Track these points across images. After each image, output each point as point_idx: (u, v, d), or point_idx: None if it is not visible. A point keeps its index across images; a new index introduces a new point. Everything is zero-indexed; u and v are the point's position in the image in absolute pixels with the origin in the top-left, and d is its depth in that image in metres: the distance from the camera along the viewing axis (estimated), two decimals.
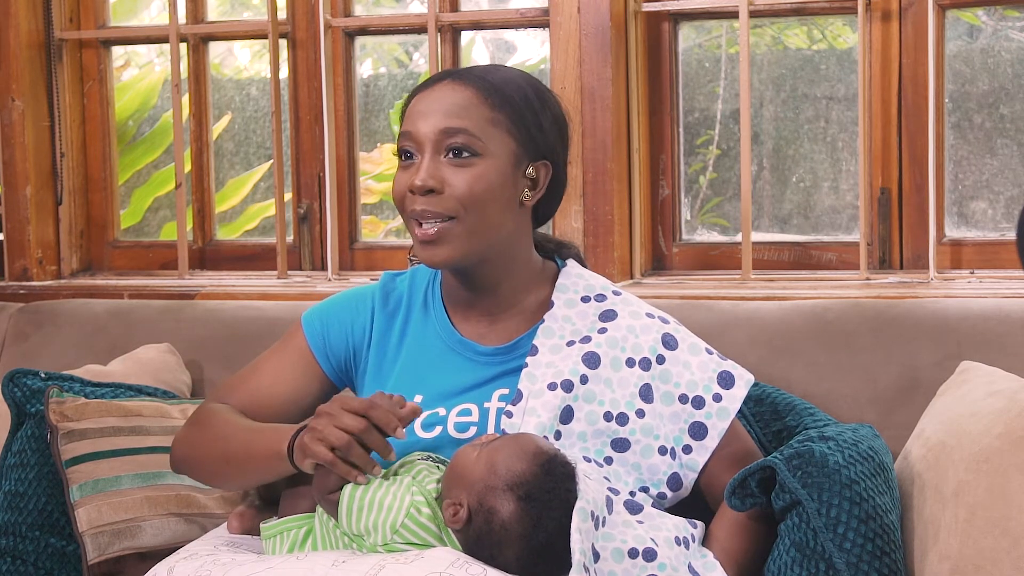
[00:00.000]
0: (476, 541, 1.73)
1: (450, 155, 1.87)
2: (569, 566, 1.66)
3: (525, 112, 1.91)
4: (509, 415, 1.89)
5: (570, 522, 1.69)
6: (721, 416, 1.94)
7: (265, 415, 1.99)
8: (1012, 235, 2.62)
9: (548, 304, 1.98)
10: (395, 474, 1.80)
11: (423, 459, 1.85)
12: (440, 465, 1.84)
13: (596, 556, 1.73)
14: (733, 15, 2.72)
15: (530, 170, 1.92)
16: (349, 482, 1.76)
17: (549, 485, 1.72)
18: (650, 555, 1.76)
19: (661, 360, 1.95)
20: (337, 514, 1.76)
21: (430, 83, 1.93)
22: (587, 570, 1.67)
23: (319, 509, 1.84)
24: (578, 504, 1.70)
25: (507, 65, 2.01)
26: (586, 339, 1.94)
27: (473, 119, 1.87)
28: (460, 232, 1.86)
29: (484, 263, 1.92)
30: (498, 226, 1.90)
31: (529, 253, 1.99)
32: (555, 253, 2.06)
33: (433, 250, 1.87)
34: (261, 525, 1.89)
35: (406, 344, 2.00)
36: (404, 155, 1.90)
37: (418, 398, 1.94)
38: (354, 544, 1.78)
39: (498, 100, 1.89)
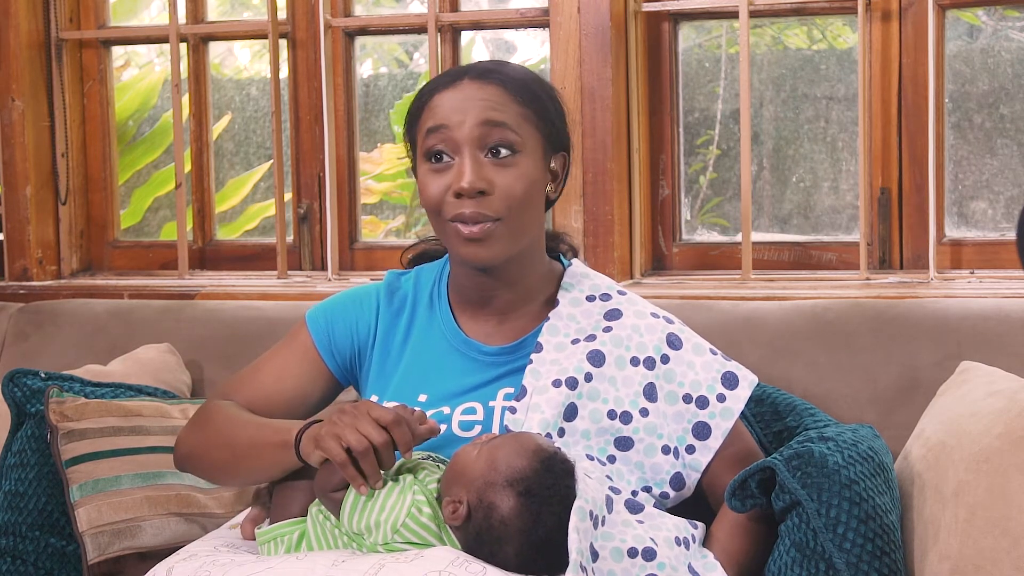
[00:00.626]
0: (476, 538, 1.73)
1: (490, 154, 1.85)
2: (568, 563, 1.66)
3: (548, 105, 1.91)
4: (513, 411, 1.89)
5: (569, 518, 1.69)
6: (725, 416, 1.93)
7: (270, 413, 1.99)
8: (1012, 235, 2.62)
9: (553, 302, 1.98)
10: (397, 473, 1.80)
11: (424, 458, 1.85)
12: (440, 465, 1.84)
13: (595, 555, 1.73)
14: (733, 15, 2.72)
15: (552, 163, 1.93)
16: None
17: (549, 481, 1.73)
18: (649, 555, 1.76)
19: (665, 360, 1.95)
20: (339, 512, 1.76)
21: (449, 81, 1.90)
22: (584, 570, 1.67)
23: (311, 511, 1.83)
24: (576, 503, 1.70)
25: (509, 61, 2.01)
26: (591, 337, 1.95)
27: (510, 115, 1.86)
28: (504, 232, 1.86)
29: (515, 259, 1.92)
30: (533, 223, 1.91)
31: (544, 249, 2.00)
32: (555, 249, 2.06)
33: (478, 248, 1.86)
34: (256, 531, 1.88)
35: (411, 343, 2.00)
36: (435, 156, 1.88)
37: (422, 397, 1.94)
38: (353, 543, 1.78)
39: (526, 96, 1.88)
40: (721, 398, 1.94)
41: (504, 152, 1.85)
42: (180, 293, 2.86)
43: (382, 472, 1.74)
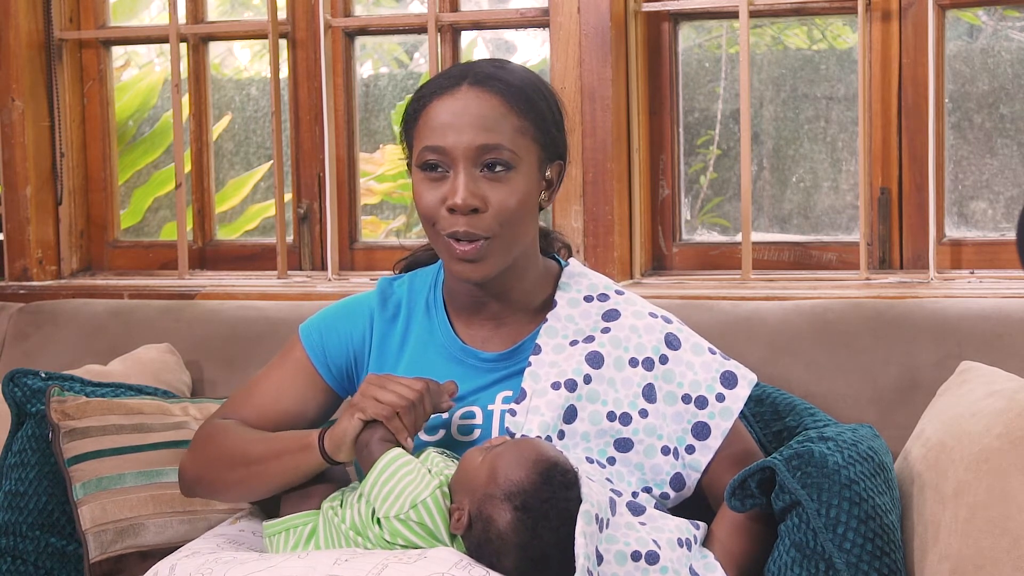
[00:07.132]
0: (477, 548, 1.73)
1: (485, 169, 1.84)
2: (570, 574, 1.66)
3: (547, 115, 1.90)
4: (513, 414, 1.89)
5: (567, 533, 1.69)
6: (724, 416, 1.94)
7: (270, 430, 1.98)
8: (1012, 235, 2.62)
9: (551, 303, 1.98)
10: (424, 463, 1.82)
11: (439, 453, 1.86)
12: (454, 460, 1.84)
13: (600, 559, 1.73)
14: (733, 15, 2.72)
15: (548, 172, 1.92)
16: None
17: (546, 495, 1.72)
18: (652, 558, 1.76)
19: (664, 360, 1.95)
20: (371, 466, 1.77)
21: (448, 88, 1.87)
22: (591, 574, 1.67)
23: (324, 506, 1.84)
24: (582, 507, 1.70)
25: (510, 60, 1.99)
26: (589, 339, 1.94)
27: (506, 133, 1.84)
28: (497, 248, 1.85)
29: (508, 269, 1.91)
30: (526, 235, 1.90)
31: (537, 253, 1.99)
32: (548, 248, 2.05)
33: (471, 268, 1.86)
34: (264, 524, 1.89)
35: (408, 349, 1.99)
36: (429, 166, 1.87)
37: None
38: (360, 537, 1.78)
39: (524, 106, 1.86)
40: (720, 398, 1.94)
41: (499, 168, 1.84)
42: (180, 293, 2.86)
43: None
